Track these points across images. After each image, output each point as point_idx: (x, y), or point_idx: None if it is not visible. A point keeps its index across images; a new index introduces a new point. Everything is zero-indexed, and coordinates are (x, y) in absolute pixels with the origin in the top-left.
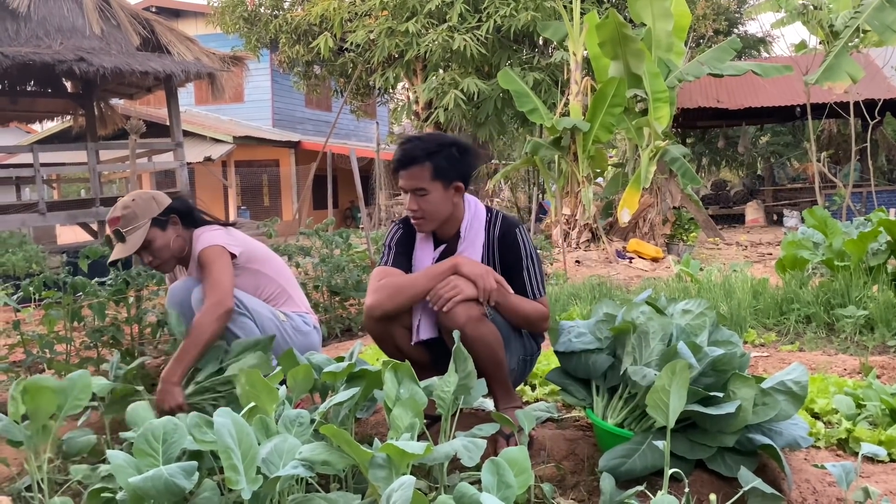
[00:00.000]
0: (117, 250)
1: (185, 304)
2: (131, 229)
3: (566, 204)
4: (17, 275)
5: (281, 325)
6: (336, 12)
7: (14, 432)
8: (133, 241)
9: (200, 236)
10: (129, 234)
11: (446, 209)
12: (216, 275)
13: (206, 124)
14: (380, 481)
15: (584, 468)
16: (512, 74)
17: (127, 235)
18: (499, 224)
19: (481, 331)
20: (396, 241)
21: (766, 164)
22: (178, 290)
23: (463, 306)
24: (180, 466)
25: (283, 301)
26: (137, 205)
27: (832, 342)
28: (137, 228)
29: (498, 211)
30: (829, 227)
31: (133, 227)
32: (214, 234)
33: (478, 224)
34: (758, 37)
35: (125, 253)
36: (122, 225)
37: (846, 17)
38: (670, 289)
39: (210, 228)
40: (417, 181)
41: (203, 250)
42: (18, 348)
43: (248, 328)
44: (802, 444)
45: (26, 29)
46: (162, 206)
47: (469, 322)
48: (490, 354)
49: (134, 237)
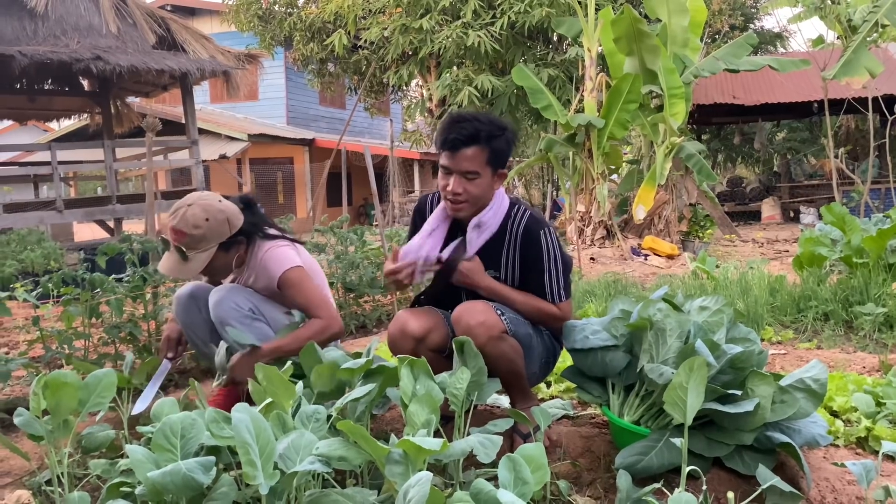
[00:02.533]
0: (174, 268)
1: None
2: (197, 252)
3: (581, 201)
4: (36, 271)
5: None
6: (350, 10)
7: (35, 427)
8: (195, 266)
9: (273, 253)
10: (193, 256)
11: (489, 196)
12: (316, 297)
13: (221, 122)
14: (396, 477)
15: (601, 465)
16: (526, 71)
17: (190, 255)
18: (523, 220)
19: (502, 348)
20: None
21: (782, 161)
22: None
23: (483, 326)
24: (198, 461)
25: None
26: (210, 227)
27: (851, 340)
28: (203, 252)
29: (526, 208)
30: (848, 223)
31: (199, 250)
32: (288, 252)
33: (495, 219)
34: (774, 32)
35: (183, 275)
36: (186, 244)
37: (864, 12)
38: (686, 286)
39: (279, 245)
40: (471, 164)
41: (287, 273)
42: (38, 344)
43: (262, 333)
44: (821, 442)
45: (44, 28)
46: (234, 229)
47: (490, 342)
48: (510, 369)
49: (197, 260)
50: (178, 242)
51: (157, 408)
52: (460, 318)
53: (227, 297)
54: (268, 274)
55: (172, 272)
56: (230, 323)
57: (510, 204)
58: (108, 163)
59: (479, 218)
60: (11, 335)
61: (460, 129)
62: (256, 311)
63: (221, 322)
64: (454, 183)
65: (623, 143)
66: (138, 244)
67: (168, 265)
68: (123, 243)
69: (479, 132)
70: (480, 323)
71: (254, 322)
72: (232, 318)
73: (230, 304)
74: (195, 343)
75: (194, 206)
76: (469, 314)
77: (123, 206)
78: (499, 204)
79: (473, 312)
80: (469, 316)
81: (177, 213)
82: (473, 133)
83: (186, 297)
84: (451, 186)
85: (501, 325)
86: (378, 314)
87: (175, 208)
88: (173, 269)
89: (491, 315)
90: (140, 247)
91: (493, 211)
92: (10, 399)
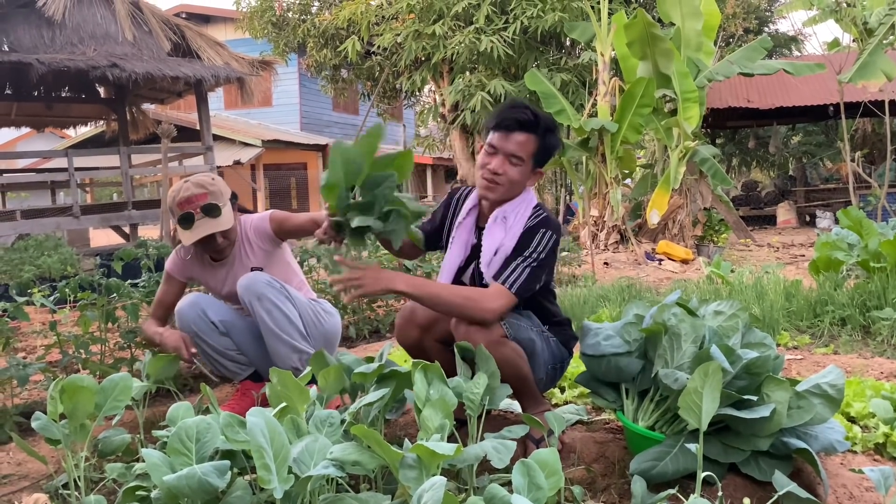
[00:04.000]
0: (208, 227)
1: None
2: (222, 204)
3: (594, 205)
4: (53, 277)
5: (314, 308)
6: (363, 16)
7: (52, 431)
8: (227, 216)
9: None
10: (223, 208)
11: (520, 188)
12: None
13: (236, 128)
14: (410, 482)
15: (615, 471)
16: (539, 75)
17: (221, 207)
18: (538, 219)
19: (502, 351)
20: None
21: (797, 165)
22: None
23: (482, 332)
24: (213, 465)
25: (305, 290)
26: (218, 182)
27: (868, 345)
28: (225, 205)
29: (547, 212)
30: (865, 227)
31: (222, 202)
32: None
33: (518, 220)
34: (789, 35)
35: (224, 226)
36: (213, 198)
37: (881, 14)
38: (701, 291)
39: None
40: (521, 148)
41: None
42: (55, 349)
43: (288, 308)
44: (839, 448)
45: (61, 36)
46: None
47: (489, 345)
48: (514, 372)
49: (227, 211)
50: (205, 201)
51: (173, 412)
52: (458, 324)
53: (257, 278)
54: (259, 226)
55: (209, 230)
56: (267, 295)
57: (536, 206)
58: (123, 169)
59: (503, 211)
60: (29, 340)
61: (521, 112)
62: (285, 289)
63: (260, 297)
64: (497, 162)
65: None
66: (154, 249)
67: (201, 228)
68: (139, 249)
69: (538, 121)
70: (478, 328)
71: (287, 301)
72: (268, 291)
73: (262, 281)
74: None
75: (190, 179)
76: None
77: (139, 212)
78: (527, 203)
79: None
80: (466, 321)
81: (181, 188)
82: (531, 121)
83: (188, 307)
84: (493, 165)
85: (500, 329)
86: (391, 319)
87: (175, 189)
88: (208, 228)
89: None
90: (155, 252)
91: (519, 207)
92: (27, 403)
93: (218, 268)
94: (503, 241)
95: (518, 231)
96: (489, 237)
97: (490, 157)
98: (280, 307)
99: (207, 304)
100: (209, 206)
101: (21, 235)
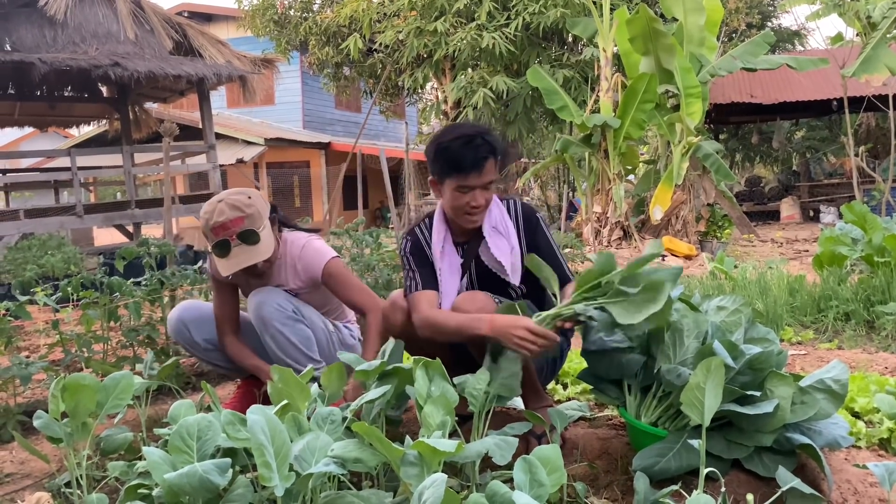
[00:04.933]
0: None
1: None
2: (261, 229)
3: (597, 202)
4: (56, 276)
5: (329, 337)
6: (365, 13)
7: (54, 430)
8: (267, 242)
9: (312, 245)
10: (261, 233)
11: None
12: (359, 284)
13: (238, 126)
14: (411, 479)
15: (618, 467)
16: (541, 72)
17: (259, 233)
18: (519, 210)
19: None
20: (412, 254)
21: (801, 160)
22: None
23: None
24: (214, 463)
25: (338, 313)
26: (256, 202)
27: (872, 340)
28: (265, 228)
29: (515, 199)
30: (869, 222)
31: (261, 226)
32: (322, 244)
33: (503, 217)
34: (792, 30)
35: (263, 255)
36: (250, 225)
37: (884, 8)
38: (704, 286)
39: (312, 238)
40: (491, 174)
41: (330, 263)
42: (58, 347)
43: (304, 335)
44: (843, 443)
45: (63, 35)
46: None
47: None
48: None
49: (266, 236)
50: (241, 226)
51: (174, 410)
52: (462, 308)
53: (270, 299)
54: (310, 266)
55: (247, 261)
56: (274, 324)
57: (499, 200)
58: (126, 168)
59: (491, 221)
60: (32, 339)
61: (478, 148)
62: (298, 313)
63: (265, 323)
64: (476, 196)
65: (639, 144)
66: (155, 248)
67: (239, 258)
68: (141, 247)
69: (494, 144)
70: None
71: (296, 323)
72: (276, 319)
73: (273, 306)
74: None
75: (225, 199)
76: (471, 303)
77: (142, 211)
78: (495, 202)
79: (475, 301)
80: (471, 305)
81: (214, 210)
82: (490, 147)
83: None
84: (475, 201)
85: None
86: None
87: (208, 211)
88: (246, 259)
89: (492, 305)
90: (157, 250)
91: (494, 209)
92: (30, 402)
93: (255, 280)
94: (510, 243)
95: (513, 230)
96: (496, 248)
97: (466, 195)
98: (284, 333)
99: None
100: (246, 233)
101: (25, 235)
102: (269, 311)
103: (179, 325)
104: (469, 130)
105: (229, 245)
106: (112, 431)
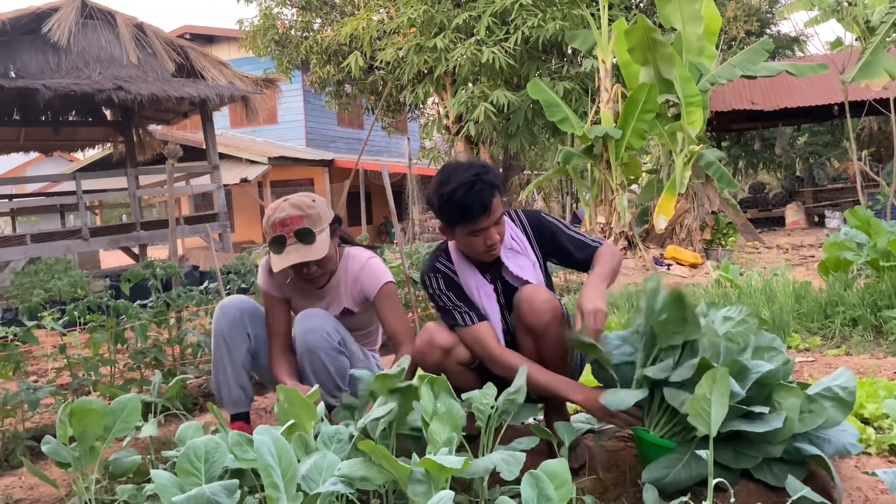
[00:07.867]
0: (300, 252)
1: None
2: (320, 231)
3: (600, 212)
4: (63, 299)
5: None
6: (365, 31)
7: (62, 454)
8: (322, 244)
9: (374, 263)
10: (318, 234)
11: None
12: (404, 316)
13: (242, 146)
14: (419, 496)
15: (627, 480)
16: (541, 84)
17: (316, 233)
18: (525, 221)
19: (561, 332)
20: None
21: (804, 165)
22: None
23: (549, 304)
24: (222, 485)
25: (370, 339)
26: (319, 205)
27: (880, 345)
28: (323, 231)
29: (514, 209)
30: (873, 226)
31: (320, 228)
32: (383, 265)
33: (516, 235)
34: (791, 36)
35: (315, 255)
36: (309, 222)
37: (882, 13)
38: (710, 295)
39: (375, 256)
40: (499, 209)
41: (388, 284)
42: (65, 371)
43: (342, 366)
44: (852, 450)
45: (67, 61)
46: (332, 213)
47: (554, 320)
48: (562, 357)
49: (322, 239)
50: (299, 225)
51: (182, 432)
52: (524, 296)
53: (320, 326)
54: (367, 284)
55: (300, 258)
56: (319, 354)
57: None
58: (131, 190)
59: (504, 245)
60: (40, 363)
61: (480, 193)
62: (342, 344)
63: (310, 350)
64: (491, 235)
65: (641, 153)
66: (161, 270)
67: (292, 255)
68: (146, 269)
69: (493, 181)
70: (547, 300)
71: (339, 356)
72: (322, 350)
73: (322, 334)
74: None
75: (290, 199)
76: (535, 292)
77: (147, 233)
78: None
79: (539, 291)
80: (534, 293)
81: (277, 207)
82: (492, 186)
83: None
84: (490, 239)
85: (563, 309)
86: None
87: (273, 208)
88: (298, 256)
89: (555, 299)
90: (163, 272)
91: (507, 230)
92: (38, 427)
93: (313, 299)
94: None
95: (527, 244)
96: (518, 269)
97: (480, 237)
98: (325, 362)
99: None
100: (303, 232)
101: (32, 259)
102: (316, 341)
103: (236, 313)
104: (467, 177)
105: (285, 241)
106: (120, 454)
